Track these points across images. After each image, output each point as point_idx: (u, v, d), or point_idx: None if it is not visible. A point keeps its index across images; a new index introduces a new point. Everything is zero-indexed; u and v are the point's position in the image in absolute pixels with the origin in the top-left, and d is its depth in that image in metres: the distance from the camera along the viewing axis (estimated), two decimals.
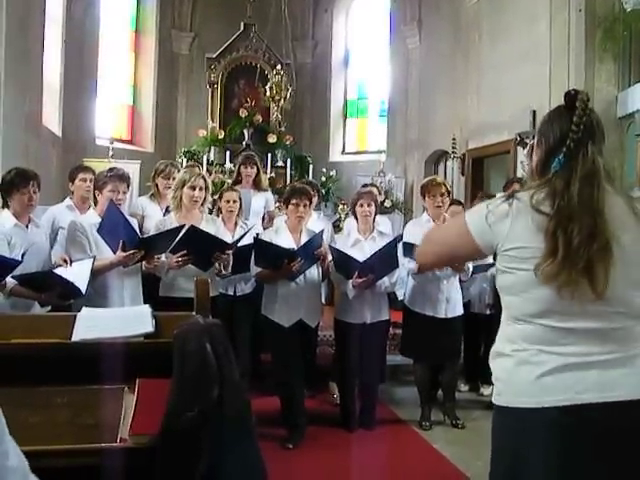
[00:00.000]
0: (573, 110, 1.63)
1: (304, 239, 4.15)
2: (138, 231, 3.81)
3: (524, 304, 1.59)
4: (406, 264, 4.35)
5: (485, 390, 5.25)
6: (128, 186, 3.80)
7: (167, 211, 4.46)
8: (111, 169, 3.85)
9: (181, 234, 3.66)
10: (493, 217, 1.61)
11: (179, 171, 4.62)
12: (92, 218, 3.66)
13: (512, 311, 1.64)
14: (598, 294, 1.51)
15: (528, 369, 1.58)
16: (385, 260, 4.14)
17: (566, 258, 1.50)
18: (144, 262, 3.65)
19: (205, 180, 4.08)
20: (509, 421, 1.61)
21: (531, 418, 1.55)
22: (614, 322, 1.56)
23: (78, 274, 3.28)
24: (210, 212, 4.62)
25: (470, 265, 4.38)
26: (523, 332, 1.61)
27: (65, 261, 3.48)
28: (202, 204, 4.07)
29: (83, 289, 3.22)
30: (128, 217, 3.69)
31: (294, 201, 4.12)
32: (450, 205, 4.69)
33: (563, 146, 1.61)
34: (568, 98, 1.67)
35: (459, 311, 4.47)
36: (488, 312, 5.07)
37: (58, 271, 3.35)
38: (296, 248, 4.05)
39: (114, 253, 3.50)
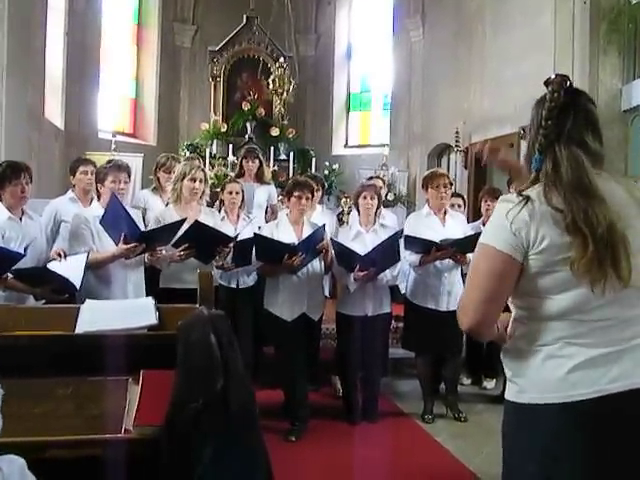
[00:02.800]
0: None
1: (306, 232, 4.15)
2: (141, 223, 3.82)
3: (555, 304, 1.55)
4: (407, 257, 4.35)
5: (488, 384, 5.25)
6: (129, 175, 3.82)
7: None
8: (109, 161, 3.88)
9: (186, 228, 3.68)
10: (516, 226, 1.54)
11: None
12: (96, 211, 3.67)
13: (537, 312, 1.58)
14: (625, 282, 1.49)
15: (555, 363, 1.55)
16: (386, 253, 4.13)
17: (596, 251, 1.48)
18: (146, 254, 3.66)
19: (204, 172, 4.11)
20: (537, 419, 1.56)
21: (562, 413, 1.52)
22: (635, 308, 1.56)
23: (72, 269, 3.29)
24: (211, 205, 4.63)
25: (472, 257, 4.36)
26: (548, 328, 1.57)
27: (60, 255, 3.49)
28: (201, 196, 4.09)
29: (77, 284, 3.23)
30: (130, 210, 3.70)
31: (296, 193, 4.12)
32: (451, 197, 4.68)
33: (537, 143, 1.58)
34: (545, 85, 1.62)
35: None
36: None
37: (52, 265, 3.36)
38: (297, 242, 4.05)
39: (116, 245, 3.51)
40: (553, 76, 1.61)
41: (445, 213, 4.46)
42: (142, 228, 3.73)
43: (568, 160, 1.55)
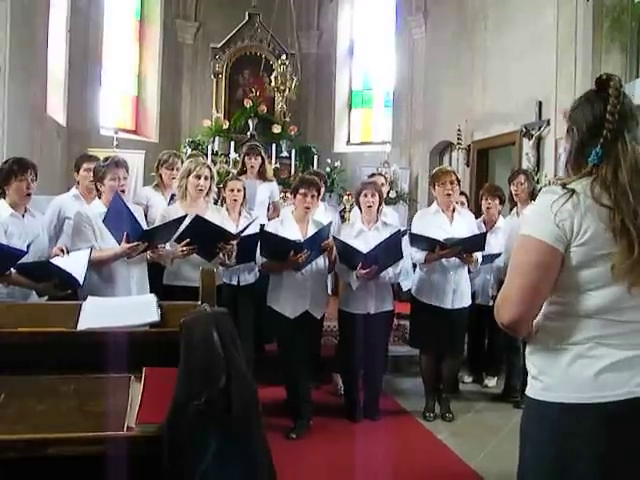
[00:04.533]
0: (604, 96, 1.58)
1: (310, 230, 4.15)
2: (144, 222, 3.82)
3: (590, 301, 1.55)
4: (413, 254, 4.35)
5: (489, 382, 5.25)
6: (127, 171, 3.81)
7: (172, 199, 4.46)
8: (106, 158, 3.87)
9: (186, 223, 3.67)
10: (560, 217, 1.53)
11: (182, 161, 4.62)
12: (98, 208, 3.67)
13: (567, 307, 1.58)
14: None
15: (586, 363, 1.54)
16: (389, 251, 4.13)
17: None
18: (149, 252, 3.66)
19: (210, 169, 4.09)
20: (562, 417, 1.55)
21: (588, 414, 1.51)
22: None
23: (75, 264, 3.29)
24: (215, 202, 4.63)
25: (479, 255, 4.37)
26: (579, 326, 1.56)
27: (62, 251, 3.49)
28: (207, 193, 4.08)
29: (80, 280, 3.23)
30: (133, 208, 3.69)
31: (302, 191, 4.11)
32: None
33: (599, 136, 1.56)
34: (599, 83, 1.61)
35: (466, 302, 4.47)
36: (492, 303, 5.07)
37: (55, 261, 3.36)
38: (302, 239, 4.05)
39: (119, 244, 3.51)
40: (604, 75, 1.62)
41: (454, 211, 4.45)
42: (144, 226, 3.72)
43: (630, 157, 1.55)
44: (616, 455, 1.50)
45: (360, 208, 4.43)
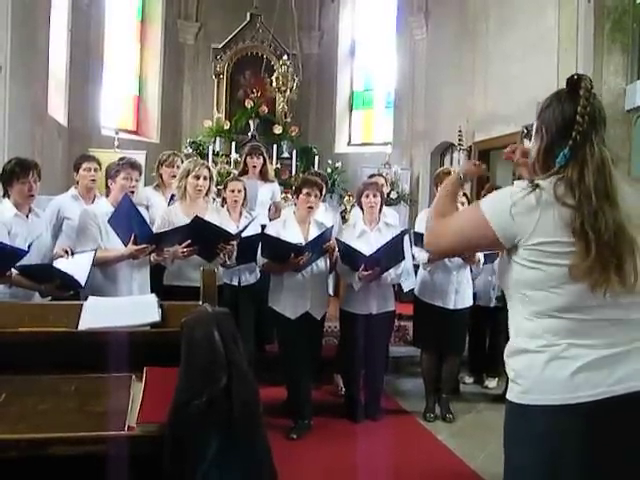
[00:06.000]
0: (575, 96, 1.58)
1: (312, 231, 4.15)
2: (150, 224, 3.82)
3: (553, 299, 1.55)
4: (417, 254, 4.36)
5: (489, 383, 5.26)
6: (140, 174, 3.82)
7: (172, 199, 4.47)
8: (122, 158, 3.88)
9: (186, 224, 3.67)
10: (518, 209, 1.55)
11: (182, 160, 4.63)
12: (104, 207, 3.68)
13: (537, 306, 1.58)
14: (629, 288, 1.49)
15: (560, 364, 1.54)
16: (391, 253, 4.14)
17: (599, 257, 1.47)
18: (153, 254, 3.67)
19: (209, 169, 4.11)
20: (539, 420, 1.55)
21: (565, 415, 1.51)
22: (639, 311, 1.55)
23: (78, 266, 3.29)
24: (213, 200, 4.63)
25: (481, 256, 4.38)
26: (550, 327, 1.56)
27: (66, 252, 3.49)
28: (206, 194, 4.09)
29: (82, 282, 3.23)
30: (141, 210, 3.69)
31: (305, 190, 4.12)
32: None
33: (568, 137, 1.57)
34: (570, 83, 1.61)
35: (468, 303, 4.48)
36: (493, 305, 5.07)
37: (58, 262, 3.36)
38: (304, 240, 4.06)
39: (124, 244, 3.51)
40: (576, 75, 1.62)
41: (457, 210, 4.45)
42: (151, 228, 3.74)
43: (596, 158, 1.55)
44: (595, 455, 1.50)
45: (362, 209, 4.43)
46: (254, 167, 5.44)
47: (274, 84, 9.44)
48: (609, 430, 1.50)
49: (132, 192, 3.70)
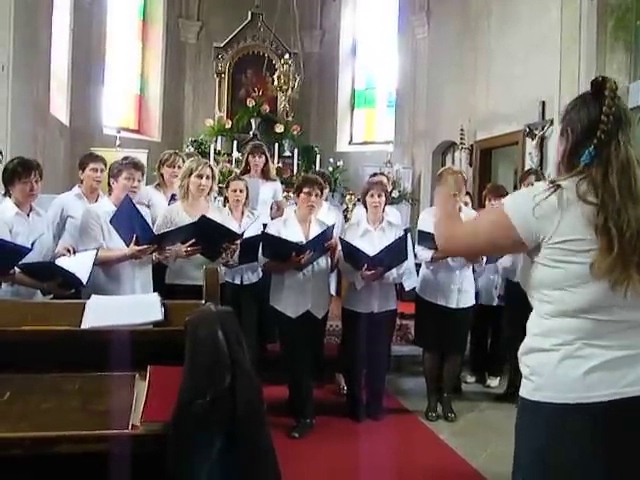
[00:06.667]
0: (600, 98, 1.59)
1: (313, 230, 4.15)
2: (151, 225, 3.82)
3: (572, 299, 1.55)
4: (419, 252, 4.36)
5: (491, 382, 5.26)
6: (143, 174, 3.82)
7: (172, 199, 4.46)
8: (125, 157, 3.88)
9: (191, 223, 3.67)
10: (541, 210, 1.55)
11: (184, 160, 4.63)
12: (106, 206, 3.68)
13: (555, 305, 1.59)
14: None
15: (574, 364, 1.55)
16: (394, 253, 4.13)
17: (621, 254, 1.48)
18: (155, 253, 3.67)
19: (212, 169, 4.10)
20: (551, 417, 1.56)
21: (577, 413, 1.52)
22: None
23: (80, 264, 3.30)
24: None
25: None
26: (566, 326, 1.57)
27: (68, 250, 3.50)
28: (208, 193, 4.09)
29: (84, 280, 3.24)
30: (142, 210, 3.69)
31: (306, 189, 4.12)
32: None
33: (592, 137, 1.57)
34: (595, 85, 1.63)
35: (470, 302, 4.47)
36: (495, 303, 5.07)
37: (60, 261, 3.36)
38: (304, 239, 4.05)
39: (126, 244, 3.52)
40: (600, 77, 1.64)
41: (460, 210, 4.46)
42: (153, 228, 3.74)
43: (621, 159, 1.56)
44: (605, 455, 1.50)
45: (366, 208, 4.43)
46: (256, 166, 5.44)
47: (275, 83, 9.44)
48: (620, 431, 1.51)
49: (134, 192, 3.70)
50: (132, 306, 2.43)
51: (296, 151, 10.15)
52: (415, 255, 4.48)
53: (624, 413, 1.51)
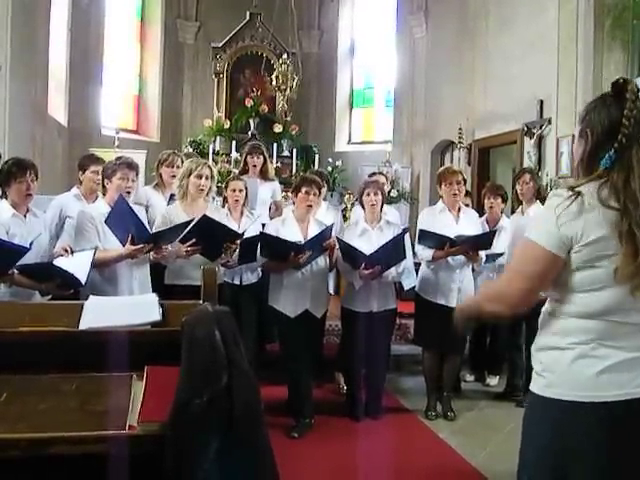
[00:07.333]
0: (621, 100, 1.57)
1: (312, 230, 4.15)
2: (147, 224, 3.81)
3: (592, 301, 1.57)
4: (420, 251, 4.36)
5: (491, 380, 5.26)
6: (137, 174, 3.81)
7: (171, 199, 4.46)
8: (119, 157, 3.86)
9: (193, 223, 3.67)
10: (563, 220, 1.55)
11: (182, 160, 4.62)
12: (101, 208, 3.67)
13: (577, 307, 1.60)
14: None
15: (588, 363, 1.56)
16: (392, 252, 4.13)
17: None
18: (152, 253, 3.66)
19: (211, 169, 4.10)
20: (562, 414, 1.57)
21: (589, 412, 1.53)
22: None
23: (79, 265, 3.29)
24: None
25: (483, 254, 4.38)
26: (584, 326, 1.58)
27: (66, 251, 3.49)
28: (207, 193, 4.09)
29: (83, 280, 3.23)
30: (136, 210, 3.68)
31: (304, 189, 4.11)
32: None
33: (613, 140, 1.56)
34: (615, 87, 1.61)
35: None
36: None
37: (59, 261, 3.36)
38: (303, 239, 4.05)
39: (122, 245, 3.51)
40: (621, 79, 1.62)
41: (459, 210, 4.47)
42: (148, 227, 3.72)
43: None
44: (613, 455, 1.51)
45: (363, 207, 4.43)
46: (254, 166, 5.43)
47: (274, 83, 9.44)
48: (630, 430, 1.52)
49: (128, 192, 3.69)
50: (130, 307, 2.43)
51: (295, 151, 10.15)
52: (415, 254, 4.49)
53: (635, 413, 1.52)
